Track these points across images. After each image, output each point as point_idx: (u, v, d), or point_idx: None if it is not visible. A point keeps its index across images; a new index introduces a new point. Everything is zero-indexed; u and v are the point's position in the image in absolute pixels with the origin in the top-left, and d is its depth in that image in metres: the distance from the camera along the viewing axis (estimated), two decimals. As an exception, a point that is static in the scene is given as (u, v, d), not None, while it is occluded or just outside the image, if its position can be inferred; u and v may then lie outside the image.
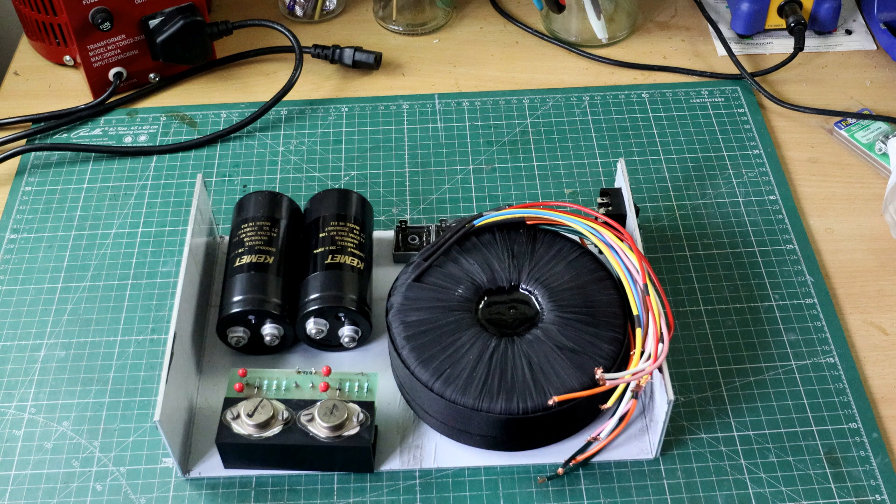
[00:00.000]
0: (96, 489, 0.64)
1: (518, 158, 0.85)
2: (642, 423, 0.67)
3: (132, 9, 0.87)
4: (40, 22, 0.90)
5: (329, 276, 0.68)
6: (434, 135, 0.88)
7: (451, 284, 0.67)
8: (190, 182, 0.84)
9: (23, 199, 0.83)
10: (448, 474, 0.65)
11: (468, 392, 0.62)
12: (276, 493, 0.64)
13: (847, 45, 0.97)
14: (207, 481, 0.64)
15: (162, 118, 0.90)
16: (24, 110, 0.91)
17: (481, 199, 0.82)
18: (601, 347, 0.64)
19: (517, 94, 0.92)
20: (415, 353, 0.64)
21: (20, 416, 0.68)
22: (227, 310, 0.67)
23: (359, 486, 0.64)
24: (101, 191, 0.84)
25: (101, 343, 0.72)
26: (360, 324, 0.68)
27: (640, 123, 0.88)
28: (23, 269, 0.77)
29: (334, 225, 0.71)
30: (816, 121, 0.88)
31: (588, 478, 0.64)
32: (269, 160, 0.86)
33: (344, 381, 0.65)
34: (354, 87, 0.93)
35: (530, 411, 0.61)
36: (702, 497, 0.63)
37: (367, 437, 0.62)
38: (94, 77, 0.90)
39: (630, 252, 0.66)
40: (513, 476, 0.65)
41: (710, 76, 0.93)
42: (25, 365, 0.71)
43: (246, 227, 0.71)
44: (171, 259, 0.78)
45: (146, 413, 0.68)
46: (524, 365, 0.63)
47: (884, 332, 0.73)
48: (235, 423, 0.62)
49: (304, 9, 1.00)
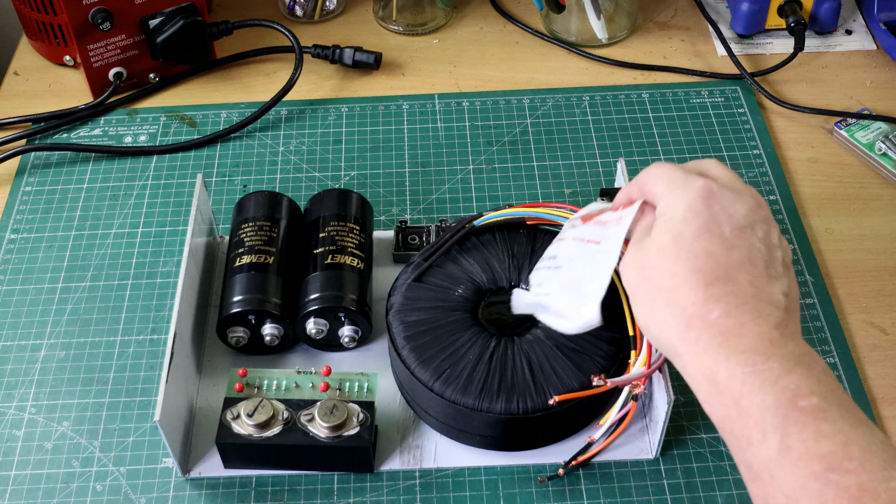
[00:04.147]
0: (96, 489, 0.64)
1: (518, 158, 0.85)
2: (642, 423, 0.67)
3: (132, 9, 0.87)
4: (40, 22, 0.90)
5: (329, 276, 0.68)
6: (434, 135, 0.88)
7: (451, 284, 0.67)
8: (190, 182, 0.84)
9: (23, 199, 0.83)
10: (448, 474, 0.65)
11: (468, 392, 0.62)
12: (276, 493, 0.64)
13: (847, 45, 0.97)
14: (207, 481, 0.64)
15: (162, 118, 0.90)
16: (24, 110, 0.91)
17: (481, 199, 0.82)
18: (601, 347, 0.64)
19: (517, 94, 0.92)
20: (415, 353, 0.64)
21: (20, 416, 0.68)
22: (227, 310, 0.67)
23: (359, 486, 0.64)
24: (101, 191, 0.84)
25: (101, 343, 0.72)
26: (360, 324, 0.68)
27: (640, 123, 0.88)
28: (23, 269, 0.77)
29: (334, 225, 0.71)
30: (816, 121, 0.88)
31: (588, 478, 0.64)
32: (269, 160, 0.86)
33: (344, 381, 0.65)
34: (354, 87, 0.93)
35: (530, 411, 0.61)
36: (702, 497, 0.63)
37: (367, 437, 0.62)
38: (94, 77, 0.90)
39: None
40: (513, 476, 0.65)
41: (710, 76, 0.93)
42: (25, 365, 0.71)
43: (246, 227, 0.71)
44: (171, 259, 0.78)
45: (146, 413, 0.68)
46: (524, 365, 0.63)
47: (884, 332, 0.72)
48: (235, 423, 0.62)
49: (304, 9, 1.00)
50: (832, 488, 0.42)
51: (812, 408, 0.44)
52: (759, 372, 0.46)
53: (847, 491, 0.41)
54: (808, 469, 0.43)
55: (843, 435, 0.43)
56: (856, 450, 0.42)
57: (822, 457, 0.43)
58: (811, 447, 0.43)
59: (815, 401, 0.45)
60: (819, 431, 0.43)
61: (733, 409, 0.47)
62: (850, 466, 0.42)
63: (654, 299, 0.52)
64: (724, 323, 0.49)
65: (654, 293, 0.52)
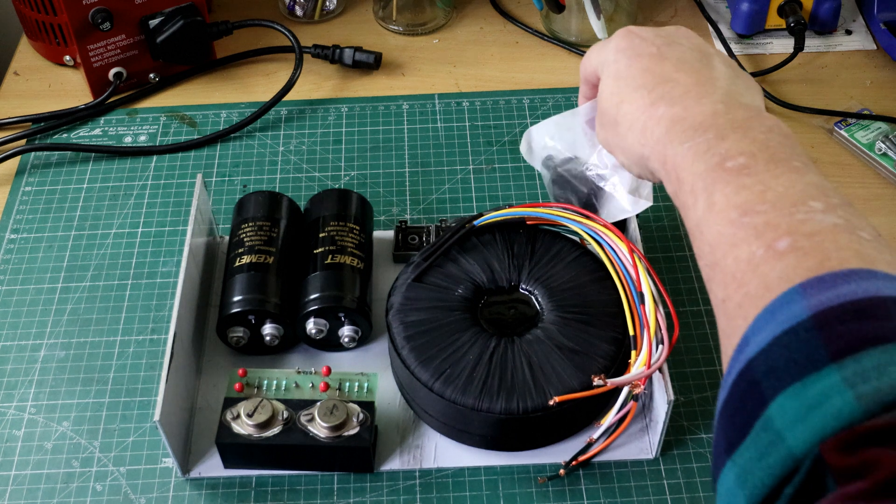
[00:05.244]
0: (96, 489, 0.64)
1: (518, 158, 0.85)
2: (642, 423, 0.67)
3: (132, 9, 0.87)
4: (40, 22, 0.90)
5: (329, 276, 0.68)
6: (434, 135, 0.88)
7: (451, 284, 0.67)
8: (190, 182, 0.84)
9: (23, 199, 0.83)
10: (448, 474, 0.65)
11: (468, 392, 0.62)
12: (276, 493, 0.64)
13: (847, 45, 0.97)
14: (207, 481, 0.64)
15: (162, 118, 0.90)
16: (24, 110, 0.91)
17: (481, 199, 0.82)
18: (601, 347, 0.64)
19: (517, 94, 0.92)
20: (415, 353, 0.64)
21: (20, 416, 0.68)
22: (227, 310, 0.67)
23: (359, 486, 0.64)
24: (101, 191, 0.84)
25: (101, 343, 0.72)
26: (359, 324, 0.68)
27: (640, 123, 0.88)
28: (23, 269, 0.77)
29: (334, 225, 0.71)
30: (816, 121, 0.88)
31: (588, 478, 0.64)
32: (269, 160, 0.86)
33: (344, 381, 0.65)
34: (354, 87, 0.93)
35: (530, 411, 0.61)
36: (702, 497, 0.63)
37: (367, 437, 0.62)
38: (94, 77, 0.90)
39: (626, 250, 0.65)
40: (513, 476, 0.65)
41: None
42: (25, 365, 0.71)
43: (246, 227, 0.71)
44: (171, 259, 0.78)
45: (146, 413, 0.68)
46: (524, 365, 0.63)
47: (884, 332, 0.72)
48: (235, 423, 0.62)
49: (304, 9, 1.00)
50: (742, 229, 0.45)
51: (738, 167, 0.47)
52: (695, 144, 0.50)
53: (754, 228, 0.44)
54: (726, 217, 0.46)
55: (763, 185, 0.46)
56: (771, 195, 0.45)
57: (738, 206, 0.46)
58: (731, 199, 0.46)
59: (742, 160, 0.47)
60: (740, 185, 0.46)
61: (676, 182, 0.51)
62: (761, 209, 0.45)
63: (618, 131, 0.57)
64: (670, 113, 0.53)
65: (615, 127, 0.57)
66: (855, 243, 0.42)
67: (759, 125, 0.50)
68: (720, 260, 0.45)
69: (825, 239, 0.42)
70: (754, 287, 0.42)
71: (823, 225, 0.43)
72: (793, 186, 0.45)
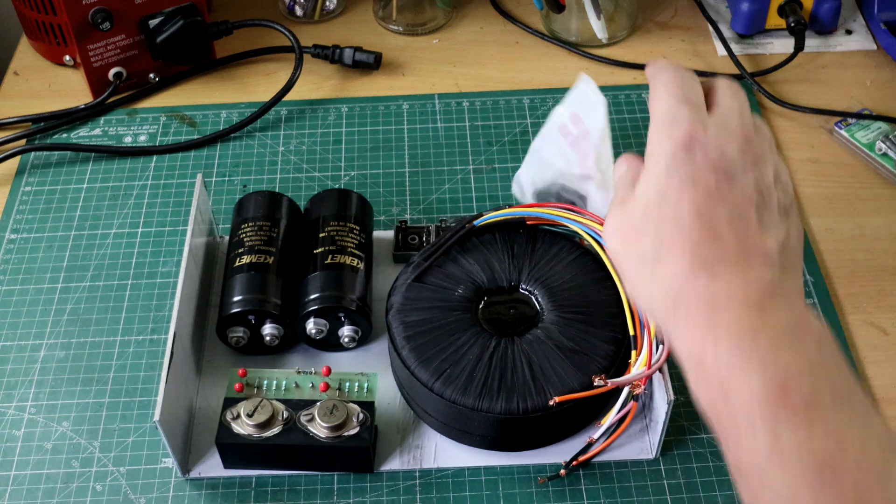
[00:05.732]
0: (96, 489, 0.64)
1: (518, 158, 0.85)
2: (642, 423, 0.67)
3: (132, 9, 0.87)
4: (40, 22, 0.90)
5: (329, 276, 0.68)
6: (434, 135, 0.88)
7: (451, 284, 0.67)
8: (190, 182, 0.84)
9: (23, 199, 0.83)
10: (448, 474, 0.65)
11: (468, 392, 0.62)
12: (276, 493, 0.64)
13: (847, 45, 0.97)
14: (207, 481, 0.64)
15: (162, 118, 0.90)
16: (24, 110, 0.91)
17: (481, 199, 0.82)
18: (601, 347, 0.64)
19: (517, 94, 0.92)
20: (415, 353, 0.64)
21: (20, 416, 0.68)
22: (227, 310, 0.67)
23: (359, 486, 0.64)
24: (101, 191, 0.84)
25: (101, 343, 0.72)
26: (359, 324, 0.68)
27: (640, 123, 0.88)
28: (23, 269, 0.77)
29: (334, 225, 0.71)
30: (816, 121, 0.88)
31: (588, 478, 0.64)
32: (269, 160, 0.86)
33: (344, 381, 0.65)
34: (354, 87, 0.93)
35: (530, 411, 0.61)
36: (702, 497, 0.63)
37: (367, 437, 0.62)
38: (93, 77, 0.90)
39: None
40: (513, 476, 0.65)
41: (711, 76, 0.93)
42: (25, 365, 0.71)
43: (246, 227, 0.71)
44: (171, 259, 0.78)
45: (146, 413, 0.68)
46: (524, 365, 0.63)
47: (884, 333, 0.72)
48: (235, 423, 0.62)
49: (304, 9, 1.00)
50: (826, 489, 0.39)
51: (803, 397, 0.41)
52: (745, 350, 0.43)
53: (842, 494, 0.39)
54: (799, 469, 0.40)
55: (837, 432, 0.40)
56: (850, 448, 0.40)
57: (814, 453, 0.40)
58: (804, 444, 0.40)
59: (807, 387, 0.41)
60: (810, 425, 0.40)
61: (719, 394, 0.44)
62: (845, 463, 0.39)
63: (641, 268, 0.49)
64: (711, 290, 0.45)
65: (640, 261, 0.49)
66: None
67: (808, 330, 0.44)
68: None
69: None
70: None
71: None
72: (869, 438, 0.40)
